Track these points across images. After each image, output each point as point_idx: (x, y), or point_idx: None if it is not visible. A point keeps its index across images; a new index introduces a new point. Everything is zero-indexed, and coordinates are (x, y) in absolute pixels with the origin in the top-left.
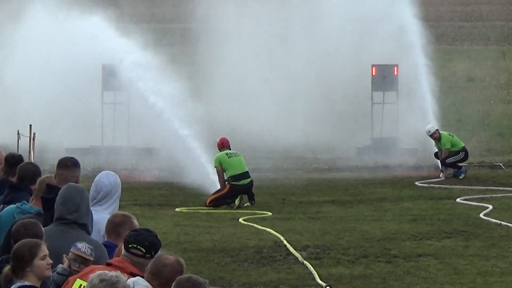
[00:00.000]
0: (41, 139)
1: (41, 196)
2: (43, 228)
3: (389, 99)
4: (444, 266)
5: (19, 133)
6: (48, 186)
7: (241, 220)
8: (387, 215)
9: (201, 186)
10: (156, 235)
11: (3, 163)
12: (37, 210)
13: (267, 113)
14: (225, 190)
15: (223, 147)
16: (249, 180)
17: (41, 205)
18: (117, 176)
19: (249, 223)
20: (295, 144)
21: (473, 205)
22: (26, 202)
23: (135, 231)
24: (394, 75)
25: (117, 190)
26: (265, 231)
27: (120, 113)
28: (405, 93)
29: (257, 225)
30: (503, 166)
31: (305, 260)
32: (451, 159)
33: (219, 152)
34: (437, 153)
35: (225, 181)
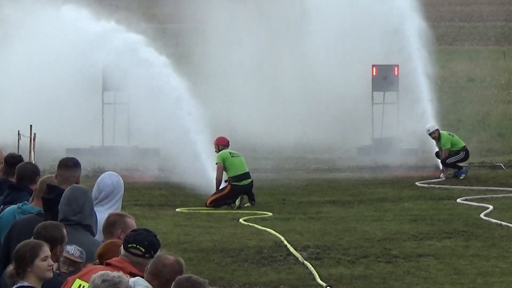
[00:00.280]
0: (42, 140)
1: (42, 196)
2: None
3: (389, 99)
4: (445, 266)
5: (20, 133)
6: (49, 186)
7: (241, 220)
8: (387, 215)
9: (202, 186)
10: (156, 235)
11: (3, 162)
12: (38, 210)
13: (267, 113)
14: (226, 190)
15: (224, 146)
16: (249, 180)
17: (42, 205)
18: (120, 177)
19: (249, 224)
20: (295, 144)
21: (474, 205)
22: (27, 203)
23: (134, 231)
24: (394, 75)
25: (119, 191)
26: (266, 231)
27: (121, 113)
28: (406, 93)
29: (257, 225)
30: (503, 166)
31: (306, 260)
32: (451, 159)
33: (218, 150)
34: (438, 152)
35: (225, 181)
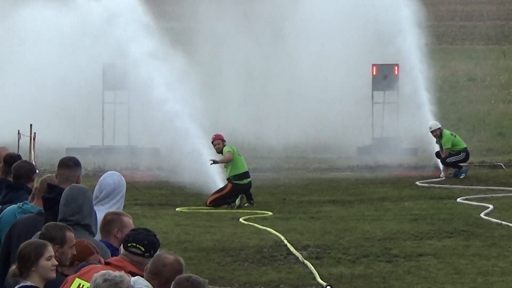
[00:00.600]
0: (42, 139)
1: (42, 196)
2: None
3: (389, 99)
4: (445, 265)
5: (20, 132)
6: (49, 185)
7: (241, 219)
8: (387, 215)
9: (202, 185)
10: (155, 234)
11: (2, 161)
12: (38, 209)
13: (267, 112)
14: (226, 189)
15: (224, 144)
16: (249, 179)
17: (42, 204)
18: (122, 176)
19: (249, 223)
20: (295, 144)
21: (474, 205)
22: (28, 202)
23: (134, 230)
24: (394, 74)
25: (120, 190)
26: (266, 230)
27: (121, 112)
28: (406, 92)
29: (257, 224)
30: (503, 166)
31: (306, 259)
32: (451, 159)
33: (223, 145)
34: (438, 152)
35: (227, 179)
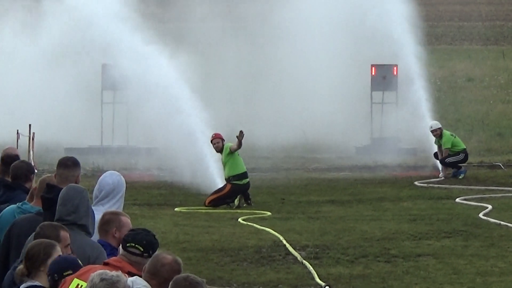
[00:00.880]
0: (41, 139)
1: (41, 196)
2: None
3: (388, 99)
4: (444, 266)
5: (19, 132)
6: (48, 185)
7: (240, 220)
8: (386, 215)
9: (201, 185)
10: (154, 234)
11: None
12: (37, 209)
13: (266, 112)
14: (225, 190)
15: (224, 143)
16: (248, 180)
17: (41, 204)
18: (121, 176)
19: (248, 223)
20: (294, 144)
21: (473, 205)
22: (27, 202)
23: (132, 230)
24: (393, 75)
25: (120, 190)
26: (265, 230)
27: (120, 112)
28: (405, 93)
29: (256, 224)
30: (502, 166)
31: (304, 259)
32: (450, 159)
33: (222, 144)
34: (436, 153)
35: (225, 179)
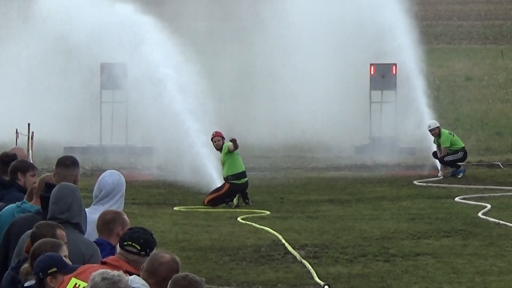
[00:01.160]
0: (40, 138)
1: (40, 195)
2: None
3: (387, 98)
4: (443, 265)
5: (18, 131)
6: (47, 184)
7: (239, 219)
8: (385, 214)
9: (200, 184)
10: (151, 233)
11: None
12: (37, 208)
13: (265, 111)
14: (224, 189)
15: (224, 141)
16: (246, 179)
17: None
18: (121, 175)
19: (247, 222)
20: (293, 143)
21: (472, 204)
22: (26, 201)
23: (130, 229)
24: (392, 74)
25: (120, 189)
26: (264, 230)
27: (119, 111)
28: (404, 92)
29: (255, 224)
30: (501, 165)
31: (304, 259)
32: (449, 157)
33: (222, 142)
34: (435, 152)
35: (224, 179)
